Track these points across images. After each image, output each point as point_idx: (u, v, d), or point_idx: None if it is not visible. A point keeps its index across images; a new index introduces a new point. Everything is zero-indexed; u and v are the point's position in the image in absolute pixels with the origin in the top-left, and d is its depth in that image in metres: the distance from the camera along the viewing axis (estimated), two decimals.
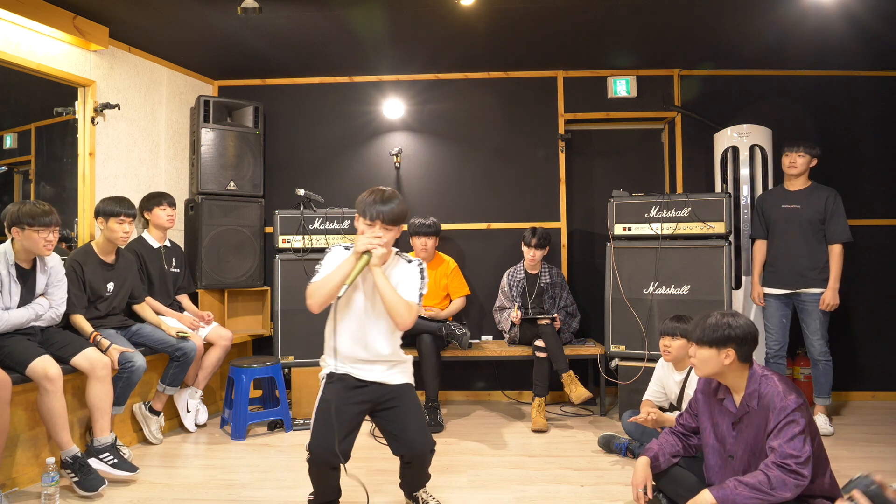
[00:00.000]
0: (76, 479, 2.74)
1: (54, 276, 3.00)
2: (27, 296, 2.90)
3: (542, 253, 4.18)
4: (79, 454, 2.78)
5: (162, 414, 3.55)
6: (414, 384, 2.50)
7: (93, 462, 2.84)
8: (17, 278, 2.84)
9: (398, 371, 2.43)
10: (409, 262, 2.43)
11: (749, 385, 2.17)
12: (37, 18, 3.21)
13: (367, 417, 2.44)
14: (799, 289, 3.71)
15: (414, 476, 2.51)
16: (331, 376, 2.41)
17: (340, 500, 2.51)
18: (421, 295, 2.36)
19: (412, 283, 2.36)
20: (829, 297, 3.62)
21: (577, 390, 3.72)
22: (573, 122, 4.74)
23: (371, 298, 2.35)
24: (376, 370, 2.39)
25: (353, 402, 2.34)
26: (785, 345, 3.78)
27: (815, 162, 3.74)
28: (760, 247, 3.89)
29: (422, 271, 2.40)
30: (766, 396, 2.11)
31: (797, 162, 3.71)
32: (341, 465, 2.30)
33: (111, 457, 2.89)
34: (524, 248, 4.18)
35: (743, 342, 2.14)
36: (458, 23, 3.69)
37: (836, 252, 3.66)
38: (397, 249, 2.47)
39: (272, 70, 4.62)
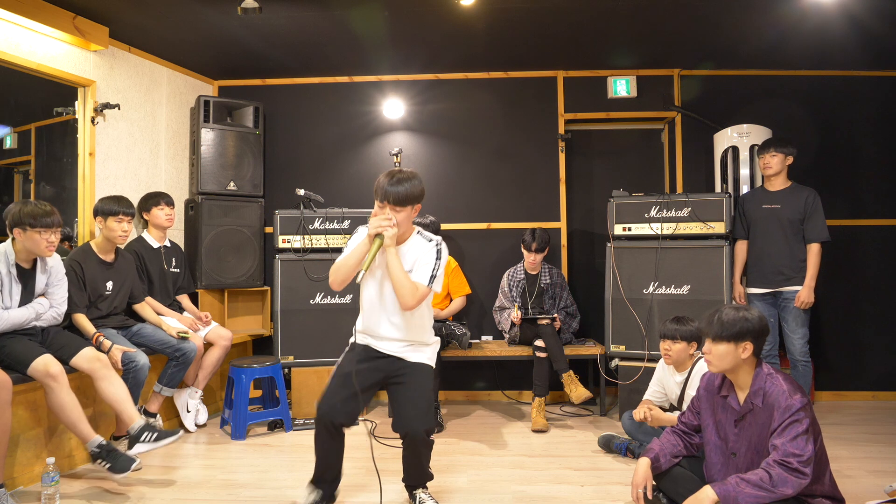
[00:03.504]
0: (108, 465, 2.71)
1: (54, 275, 2.99)
2: (27, 296, 2.90)
3: (542, 256, 4.18)
4: (104, 441, 2.77)
5: (158, 416, 3.54)
6: (434, 367, 2.57)
7: (137, 448, 2.85)
8: (17, 278, 2.83)
9: (417, 351, 2.52)
10: (430, 240, 2.48)
11: (754, 383, 2.17)
12: (37, 18, 3.21)
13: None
14: (781, 287, 3.72)
15: (410, 461, 2.52)
16: (353, 346, 2.55)
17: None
18: (434, 276, 2.40)
19: (426, 263, 2.41)
20: (805, 294, 3.63)
21: (577, 390, 3.72)
22: (573, 122, 4.74)
23: (385, 277, 2.44)
24: (395, 346, 2.50)
25: (367, 369, 2.47)
26: (776, 344, 3.79)
27: (790, 160, 3.74)
28: (741, 247, 3.89)
29: (439, 251, 2.45)
30: (770, 395, 2.11)
31: (770, 163, 3.73)
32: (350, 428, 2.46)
33: (150, 434, 2.89)
34: (524, 252, 4.18)
35: (759, 335, 2.17)
36: (458, 23, 3.69)
37: (813, 251, 3.67)
38: (419, 229, 2.53)
39: (272, 70, 4.62)
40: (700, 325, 2.29)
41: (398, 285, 2.34)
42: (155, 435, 2.89)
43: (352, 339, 2.59)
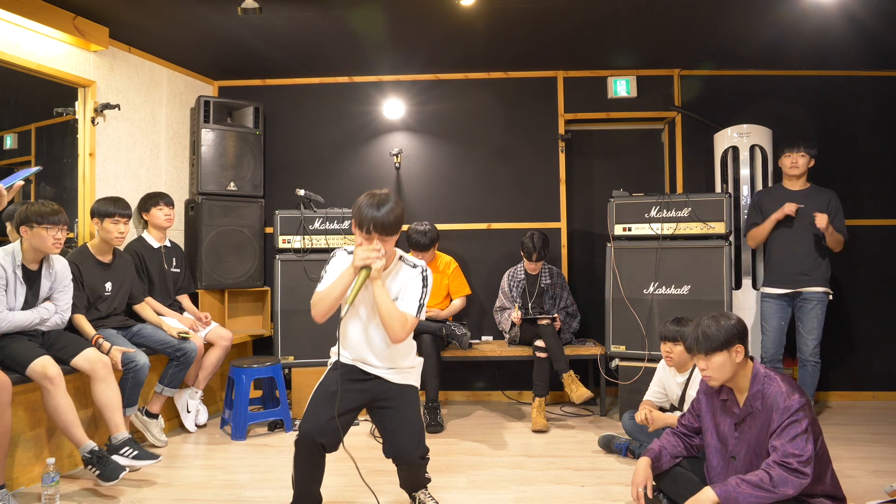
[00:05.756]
0: (98, 472, 2.70)
1: (60, 280, 2.99)
2: (31, 298, 2.90)
3: (542, 262, 4.18)
4: (96, 448, 2.75)
5: (160, 416, 3.54)
6: (419, 387, 2.50)
7: (114, 459, 2.82)
8: (22, 279, 2.84)
9: (403, 373, 2.43)
10: (414, 266, 2.37)
11: (753, 385, 2.17)
12: (37, 19, 3.21)
13: (364, 420, 2.43)
14: (801, 287, 3.72)
15: (407, 478, 2.51)
16: (337, 364, 2.41)
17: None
18: (421, 306, 2.32)
19: (413, 292, 2.31)
20: (822, 219, 3.57)
21: (578, 390, 3.72)
22: (573, 122, 4.74)
23: (373, 305, 2.33)
24: (381, 371, 2.40)
25: (353, 390, 2.34)
26: (781, 349, 3.79)
27: (812, 162, 3.77)
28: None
29: (425, 279, 2.35)
30: (769, 397, 2.11)
31: (799, 162, 3.74)
32: (336, 451, 2.30)
33: (131, 450, 2.88)
34: (524, 259, 4.17)
35: (744, 335, 2.18)
36: (458, 23, 3.69)
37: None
38: (401, 253, 2.42)
39: (272, 70, 4.62)
40: (687, 345, 2.26)
41: (387, 318, 2.22)
42: (136, 452, 2.88)
43: (333, 359, 2.44)
